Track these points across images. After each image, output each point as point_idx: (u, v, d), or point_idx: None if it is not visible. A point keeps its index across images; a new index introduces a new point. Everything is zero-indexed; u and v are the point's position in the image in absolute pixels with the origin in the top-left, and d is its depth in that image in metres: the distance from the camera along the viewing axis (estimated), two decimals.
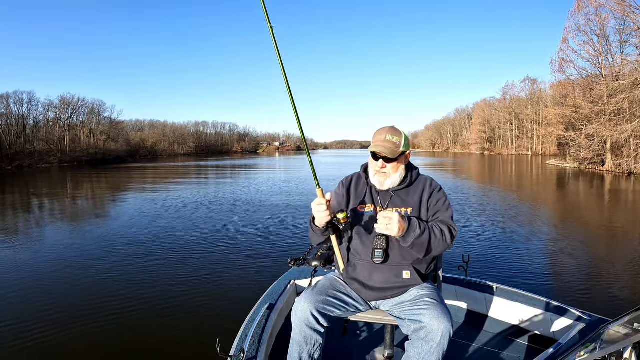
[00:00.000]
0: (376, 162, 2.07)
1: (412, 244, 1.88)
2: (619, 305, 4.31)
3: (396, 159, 2.05)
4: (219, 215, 10.44)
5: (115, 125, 73.57)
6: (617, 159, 25.96)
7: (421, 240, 1.89)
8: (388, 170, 2.06)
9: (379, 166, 2.06)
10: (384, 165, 2.05)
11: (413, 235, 1.87)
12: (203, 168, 38.62)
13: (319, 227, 1.98)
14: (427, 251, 1.93)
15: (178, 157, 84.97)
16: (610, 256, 6.43)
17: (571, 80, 30.91)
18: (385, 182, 2.08)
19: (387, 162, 2.05)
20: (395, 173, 2.08)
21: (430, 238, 1.91)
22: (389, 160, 2.04)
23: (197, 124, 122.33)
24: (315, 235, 2.08)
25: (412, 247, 1.90)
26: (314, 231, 2.05)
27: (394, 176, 2.08)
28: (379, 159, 2.06)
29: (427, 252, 1.94)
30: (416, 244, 1.89)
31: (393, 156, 2.03)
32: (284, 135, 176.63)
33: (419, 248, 1.91)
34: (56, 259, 6.49)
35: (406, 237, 1.87)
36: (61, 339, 3.80)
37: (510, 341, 2.66)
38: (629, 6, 22.71)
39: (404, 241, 1.89)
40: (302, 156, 79.39)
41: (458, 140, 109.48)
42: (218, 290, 5.01)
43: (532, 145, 67.83)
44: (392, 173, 2.07)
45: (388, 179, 2.08)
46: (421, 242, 1.89)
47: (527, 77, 73.66)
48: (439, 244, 1.93)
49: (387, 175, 2.07)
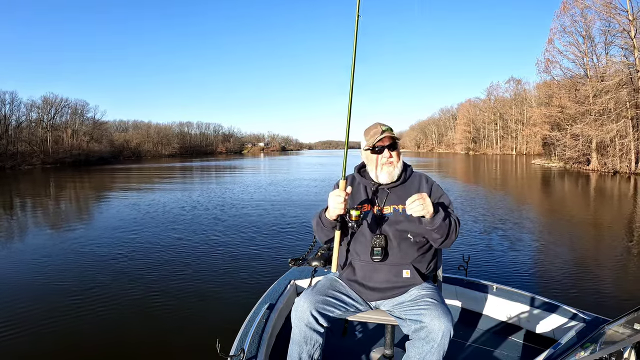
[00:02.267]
0: (380, 154, 2.08)
1: (439, 225, 1.88)
2: (619, 305, 4.28)
3: (397, 146, 2.11)
4: (218, 216, 10.38)
5: (98, 125, 72.41)
6: (603, 158, 26.43)
7: (445, 223, 1.90)
8: (394, 159, 2.08)
9: (385, 157, 2.08)
10: (390, 155, 2.07)
11: (440, 217, 1.88)
12: (191, 169, 38.15)
13: (329, 219, 1.96)
14: (446, 237, 1.94)
15: (162, 158, 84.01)
16: (610, 256, 6.42)
17: (557, 80, 31.40)
18: (394, 171, 2.09)
19: (392, 150, 2.08)
20: (399, 161, 2.11)
21: (450, 223, 1.93)
22: (393, 148, 2.09)
23: (182, 125, 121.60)
24: (322, 230, 2.05)
25: (437, 229, 1.90)
26: (323, 224, 2.02)
27: (399, 165, 2.11)
28: (382, 151, 2.07)
29: (446, 238, 1.94)
30: (442, 226, 1.89)
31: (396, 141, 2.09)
32: (268, 135, 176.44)
33: (442, 231, 1.91)
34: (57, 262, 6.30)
35: (435, 218, 1.87)
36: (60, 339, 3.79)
37: (510, 341, 2.66)
38: (614, 8, 23.13)
39: (432, 222, 1.88)
40: (288, 157, 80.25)
41: (443, 140, 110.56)
42: (218, 290, 4.99)
43: (517, 145, 68.88)
44: (397, 162, 2.10)
45: (395, 168, 2.09)
46: (445, 225, 1.90)
47: (512, 77, 75.20)
48: (453, 232, 1.95)
49: (394, 165, 2.09)
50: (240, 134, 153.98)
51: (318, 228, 2.08)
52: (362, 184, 2.18)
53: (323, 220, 2.01)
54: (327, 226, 2.01)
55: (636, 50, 22.74)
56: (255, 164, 46.30)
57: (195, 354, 3.45)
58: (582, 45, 27.56)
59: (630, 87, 23.86)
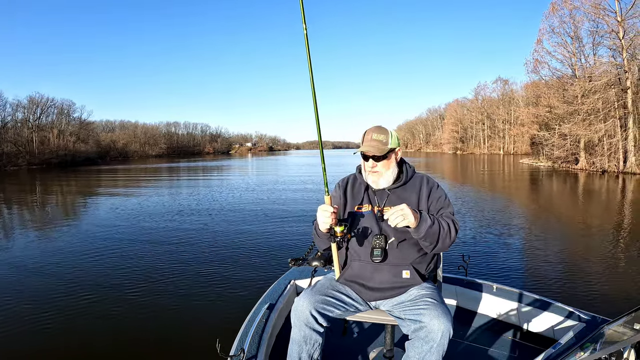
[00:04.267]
0: (367, 162, 2.11)
1: (425, 233, 1.89)
2: (618, 305, 4.25)
3: (385, 156, 2.08)
4: (217, 216, 10.36)
5: (85, 126, 71.32)
6: (591, 157, 26.78)
7: (433, 230, 1.90)
8: (379, 168, 2.09)
9: (369, 166, 2.10)
10: (374, 165, 2.08)
11: (425, 225, 1.88)
12: (180, 169, 37.72)
13: (323, 231, 2.00)
14: (437, 243, 1.94)
15: (149, 158, 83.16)
16: (609, 255, 6.40)
17: (545, 80, 31.72)
18: (380, 181, 2.10)
19: (377, 160, 2.08)
20: (388, 170, 2.10)
21: (439, 229, 1.93)
22: (378, 158, 2.07)
23: (169, 125, 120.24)
24: (320, 240, 2.12)
25: (425, 237, 1.90)
26: (318, 235, 2.09)
27: (387, 174, 2.10)
28: (368, 159, 2.09)
29: (436, 244, 1.95)
30: (429, 233, 1.89)
31: (380, 154, 2.06)
32: (256, 135, 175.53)
33: (431, 238, 1.91)
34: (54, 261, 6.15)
35: (420, 226, 1.88)
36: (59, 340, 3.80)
37: (510, 341, 2.67)
38: (603, 9, 23.41)
39: (417, 231, 1.89)
40: (276, 157, 79.92)
41: (430, 140, 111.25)
42: (218, 290, 4.99)
43: (504, 144, 69.61)
44: (384, 171, 2.09)
45: (382, 178, 2.10)
46: (433, 232, 1.90)
47: (499, 77, 75.62)
48: (446, 237, 1.95)
49: (379, 174, 2.10)
50: (228, 134, 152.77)
51: (316, 237, 2.15)
52: (363, 183, 2.19)
53: (319, 232, 2.06)
54: (322, 237, 2.07)
55: (624, 51, 23.08)
56: (243, 165, 45.89)
57: (195, 354, 3.45)
58: (570, 45, 27.88)
59: (619, 87, 24.21)
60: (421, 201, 2.09)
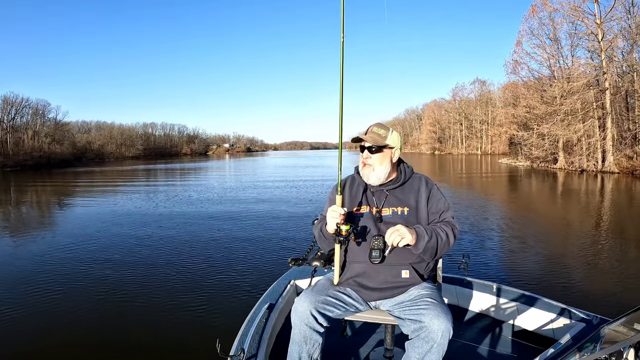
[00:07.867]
0: (362, 153, 2.11)
1: (424, 249, 1.90)
2: (618, 305, 4.21)
3: (380, 150, 2.07)
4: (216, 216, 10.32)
5: (60, 127, 69.53)
6: (570, 157, 27.33)
7: (431, 244, 1.91)
8: (372, 161, 2.07)
9: (364, 157, 2.09)
10: (368, 156, 2.08)
11: (423, 242, 1.89)
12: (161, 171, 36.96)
13: (330, 232, 1.99)
14: (436, 254, 1.96)
15: (126, 160, 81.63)
16: (609, 255, 6.39)
17: (524, 81, 32.28)
18: (370, 175, 2.08)
19: (372, 152, 2.07)
20: (380, 166, 2.07)
21: (437, 242, 1.93)
22: (373, 151, 2.07)
23: (146, 125, 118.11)
24: (324, 241, 2.11)
25: (424, 252, 1.92)
26: (324, 236, 2.07)
27: (379, 169, 2.07)
28: (364, 150, 2.09)
29: (435, 255, 1.98)
30: (427, 248, 1.90)
31: (375, 144, 2.06)
32: (233, 136, 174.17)
33: (430, 252, 1.93)
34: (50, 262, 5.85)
35: (418, 243, 1.89)
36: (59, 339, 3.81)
37: (510, 341, 2.68)
38: (582, 12, 23.89)
39: (416, 248, 1.90)
40: (254, 158, 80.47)
41: (408, 141, 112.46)
42: (218, 290, 4.98)
43: (482, 144, 70.91)
44: (376, 165, 2.07)
45: (373, 172, 2.08)
46: (431, 246, 1.91)
47: (477, 78, 77.03)
48: (444, 246, 1.96)
49: (371, 168, 2.08)
50: (205, 135, 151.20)
51: (320, 239, 2.13)
52: (361, 184, 2.18)
53: (324, 232, 2.05)
54: (328, 238, 2.06)
55: (603, 53, 23.60)
56: (221, 166, 45.51)
57: (195, 354, 3.45)
58: (549, 47, 28.43)
59: (597, 88, 24.76)
60: (420, 203, 2.07)
